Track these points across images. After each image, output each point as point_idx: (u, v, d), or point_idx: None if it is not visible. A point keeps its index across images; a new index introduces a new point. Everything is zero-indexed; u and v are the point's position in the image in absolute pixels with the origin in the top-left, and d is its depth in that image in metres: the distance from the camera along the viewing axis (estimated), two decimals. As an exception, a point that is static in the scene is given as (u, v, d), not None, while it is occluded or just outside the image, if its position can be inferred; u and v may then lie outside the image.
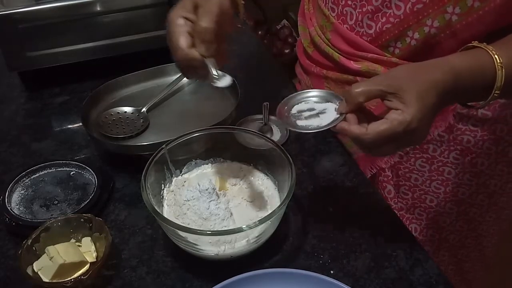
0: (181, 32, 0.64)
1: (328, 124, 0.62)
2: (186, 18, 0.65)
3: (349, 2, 0.77)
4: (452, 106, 0.77)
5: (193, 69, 0.67)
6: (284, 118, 0.65)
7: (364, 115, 0.61)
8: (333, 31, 0.81)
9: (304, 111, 0.66)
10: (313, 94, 0.66)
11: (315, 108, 0.65)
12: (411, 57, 0.74)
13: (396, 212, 0.75)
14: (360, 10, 0.76)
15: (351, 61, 0.79)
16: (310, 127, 0.63)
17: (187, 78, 0.73)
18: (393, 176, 0.87)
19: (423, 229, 0.91)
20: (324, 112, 0.64)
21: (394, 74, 0.61)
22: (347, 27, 0.79)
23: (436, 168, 0.84)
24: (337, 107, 0.63)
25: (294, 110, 0.66)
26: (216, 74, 0.64)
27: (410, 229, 0.73)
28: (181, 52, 0.64)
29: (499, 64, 0.60)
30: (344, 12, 0.78)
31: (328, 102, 0.65)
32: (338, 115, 0.62)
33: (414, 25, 0.71)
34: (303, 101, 0.67)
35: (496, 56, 0.60)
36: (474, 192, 0.86)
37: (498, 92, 0.61)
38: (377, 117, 0.60)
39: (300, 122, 0.64)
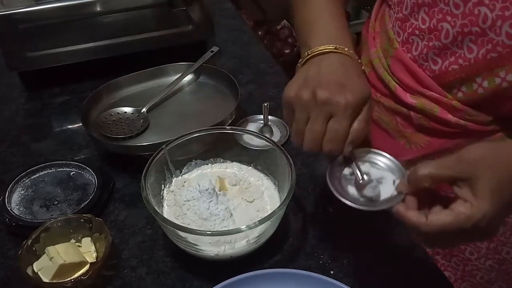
0: None
1: (383, 203, 0.55)
2: None
3: (416, 32, 0.68)
4: None
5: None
6: (333, 179, 0.57)
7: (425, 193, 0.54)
8: (395, 57, 0.72)
9: (357, 174, 0.57)
10: (375, 156, 0.58)
11: (370, 173, 0.57)
12: (475, 104, 0.66)
13: (431, 255, 0.68)
14: (427, 43, 0.67)
15: (408, 94, 0.71)
16: (361, 201, 0.55)
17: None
18: None
19: (458, 280, 0.81)
20: (381, 182, 0.56)
21: (469, 157, 0.52)
22: (410, 57, 0.70)
23: None
24: (396, 180, 0.55)
25: (346, 171, 0.58)
26: (361, 176, 0.58)
27: (445, 275, 0.66)
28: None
29: None
30: (410, 40, 0.69)
31: (387, 170, 0.57)
32: (396, 193, 0.54)
33: (484, 73, 0.62)
34: (360, 162, 0.58)
35: None
36: None
37: None
38: (440, 197, 0.53)
39: (350, 189, 0.57)
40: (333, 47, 0.63)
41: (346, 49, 0.63)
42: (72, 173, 0.81)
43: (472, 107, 0.66)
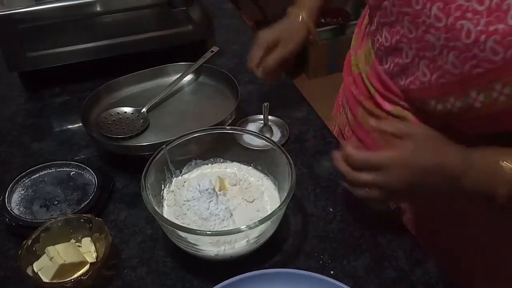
0: (257, 52, 0.85)
1: None
2: (268, 46, 0.85)
3: (382, 48, 0.71)
4: None
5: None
6: None
7: None
8: (372, 67, 0.77)
9: None
10: None
11: None
12: (460, 118, 0.66)
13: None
14: (392, 60, 0.70)
15: (386, 103, 0.75)
16: None
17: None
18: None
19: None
20: None
21: (413, 129, 0.65)
22: (383, 69, 0.73)
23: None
24: None
25: None
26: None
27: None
28: (249, 63, 0.86)
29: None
30: (379, 54, 0.73)
31: None
32: None
33: (436, 96, 0.64)
34: None
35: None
36: None
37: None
38: None
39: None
40: (290, 9, 0.89)
41: (295, 10, 0.88)
42: (72, 173, 0.81)
43: (445, 117, 0.66)
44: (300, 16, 0.87)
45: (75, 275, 0.65)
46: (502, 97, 0.57)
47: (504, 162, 0.59)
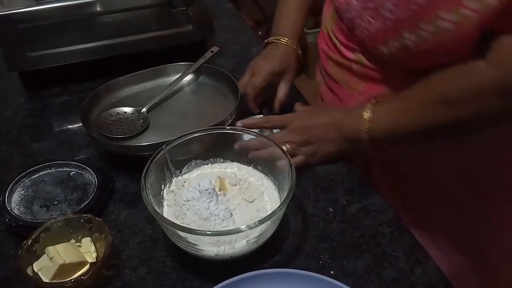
0: (253, 83, 0.92)
1: None
2: (268, 79, 0.93)
3: (337, 3, 0.83)
4: None
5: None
6: None
7: None
8: (336, 23, 0.87)
9: None
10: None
11: None
12: (400, 57, 0.76)
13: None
14: (347, 15, 0.81)
15: (349, 52, 0.86)
16: None
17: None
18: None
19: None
20: None
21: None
22: (343, 25, 0.84)
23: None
24: None
25: None
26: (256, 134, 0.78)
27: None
28: (243, 91, 0.91)
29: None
30: (338, 11, 0.84)
31: None
32: None
33: (381, 42, 0.75)
34: None
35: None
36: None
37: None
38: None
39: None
40: (277, 38, 0.97)
41: (286, 39, 0.96)
42: (72, 173, 0.81)
43: (398, 59, 0.77)
44: (294, 46, 0.96)
45: (75, 275, 0.65)
46: (429, 34, 0.67)
47: (365, 111, 0.75)
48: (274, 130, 0.85)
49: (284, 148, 0.75)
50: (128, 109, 0.90)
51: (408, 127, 0.73)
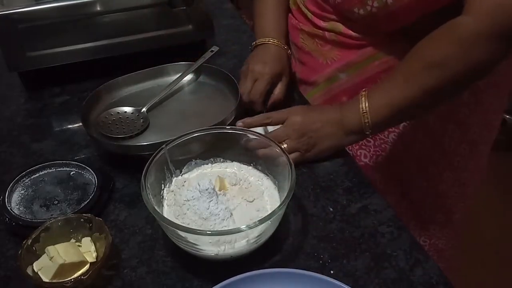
0: (257, 90, 0.92)
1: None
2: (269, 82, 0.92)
3: None
4: None
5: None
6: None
7: None
8: None
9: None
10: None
11: None
12: (378, 18, 0.81)
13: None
14: None
15: (321, 21, 0.91)
16: None
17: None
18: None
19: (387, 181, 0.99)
20: None
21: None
22: None
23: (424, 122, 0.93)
24: None
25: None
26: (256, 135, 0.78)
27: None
28: (246, 98, 0.91)
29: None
30: None
31: None
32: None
33: (358, 4, 0.81)
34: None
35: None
36: (457, 142, 0.94)
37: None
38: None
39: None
40: (266, 40, 0.97)
41: (275, 40, 0.96)
42: (72, 173, 0.81)
43: (367, 25, 0.83)
44: (283, 46, 0.97)
45: (75, 275, 0.65)
46: (374, 9, 0.76)
47: (361, 104, 0.77)
48: (270, 128, 0.86)
49: (283, 146, 0.76)
50: (128, 109, 0.90)
51: (408, 102, 0.75)
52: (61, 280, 0.63)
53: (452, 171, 0.98)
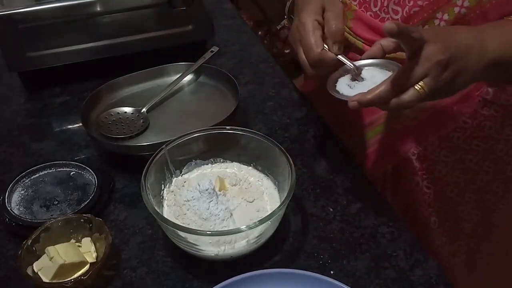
0: (315, 35, 0.69)
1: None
2: (317, 21, 0.70)
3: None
4: (477, 91, 0.78)
5: (324, 67, 0.71)
6: (331, 85, 0.68)
7: None
8: (355, 19, 0.80)
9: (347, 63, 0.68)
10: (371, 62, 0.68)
11: (362, 73, 0.67)
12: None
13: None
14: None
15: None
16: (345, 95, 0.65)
17: (317, 74, 0.73)
18: (419, 168, 0.86)
19: (442, 221, 0.91)
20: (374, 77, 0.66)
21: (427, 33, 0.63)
22: (370, 14, 0.78)
23: (458, 157, 0.84)
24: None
25: (342, 79, 0.68)
26: (352, 65, 0.68)
27: (429, 221, 0.73)
28: (315, 53, 0.68)
29: None
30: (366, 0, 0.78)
31: (381, 68, 0.67)
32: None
33: (444, 6, 0.71)
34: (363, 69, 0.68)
35: None
36: (491, 180, 0.86)
37: None
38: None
39: (345, 91, 0.66)
40: None
41: None
42: (72, 173, 0.81)
43: None
44: None
45: (75, 275, 0.65)
46: (463, 9, 0.68)
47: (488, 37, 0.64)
48: (365, 61, 0.70)
49: (418, 87, 0.60)
50: (128, 109, 0.90)
51: None
52: (61, 281, 0.63)
53: (508, 199, 0.90)
